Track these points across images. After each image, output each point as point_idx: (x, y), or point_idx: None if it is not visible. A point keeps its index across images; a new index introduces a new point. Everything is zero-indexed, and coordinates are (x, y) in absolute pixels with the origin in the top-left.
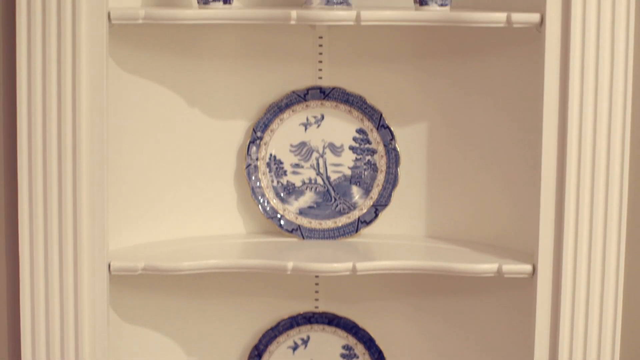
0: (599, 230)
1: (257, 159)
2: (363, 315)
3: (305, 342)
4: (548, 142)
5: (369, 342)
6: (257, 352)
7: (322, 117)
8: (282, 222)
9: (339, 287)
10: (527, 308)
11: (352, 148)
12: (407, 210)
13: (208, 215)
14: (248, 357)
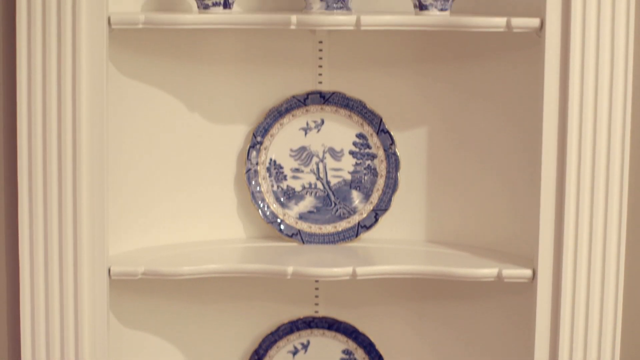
0: (598, 234)
1: (257, 163)
2: (363, 319)
3: (305, 346)
4: (548, 146)
5: (369, 347)
6: (257, 357)
7: (322, 122)
8: (282, 226)
9: (339, 291)
10: (527, 313)
11: (352, 153)
12: (407, 215)
13: (208, 219)
14: None
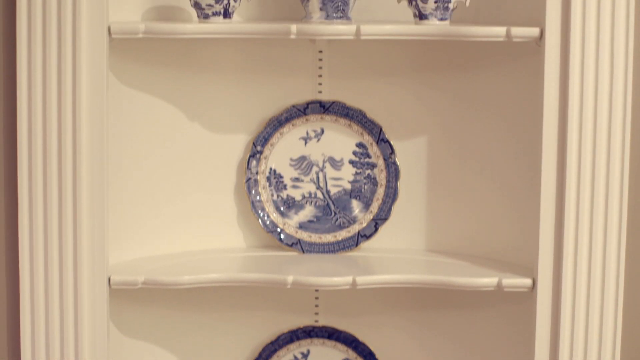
0: (598, 244)
1: (257, 172)
2: (363, 329)
3: (305, 356)
4: (548, 155)
5: (368, 356)
6: None
7: (322, 131)
8: (282, 236)
9: (339, 301)
10: (527, 322)
11: (352, 162)
12: (407, 224)
13: (208, 229)
14: None
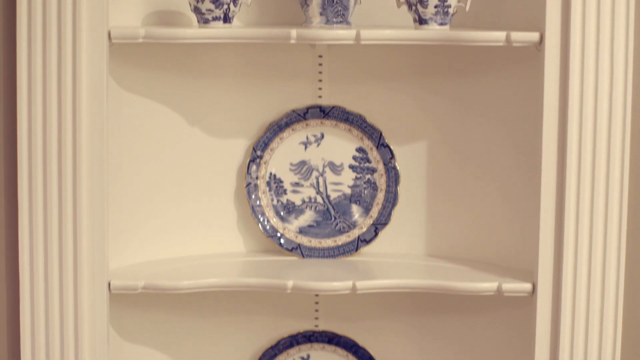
0: (598, 249)
1: (257, 177)
2: (363, 334)
3: None
4: (547, 160)
5: None
6: None
7: (322, 136)
8: (282, 240)
9: (339, 305)
10: (527, 327)
11: (352, 167)
12: (407, 229)
13: (208, 233)
14: None
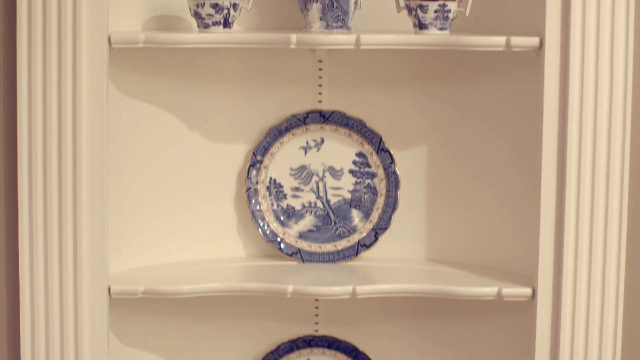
0: (598, 253)
1: (257, 182)
2: (363, 338)
3: None
4: (547, 164)
5: None
6: None
7: (322, 141)
8: (282, 245)
9: (338, 310)
10: (527, 331)
11: (351, 171)
12: (407, 234)
13: (208, 238)
14: None
